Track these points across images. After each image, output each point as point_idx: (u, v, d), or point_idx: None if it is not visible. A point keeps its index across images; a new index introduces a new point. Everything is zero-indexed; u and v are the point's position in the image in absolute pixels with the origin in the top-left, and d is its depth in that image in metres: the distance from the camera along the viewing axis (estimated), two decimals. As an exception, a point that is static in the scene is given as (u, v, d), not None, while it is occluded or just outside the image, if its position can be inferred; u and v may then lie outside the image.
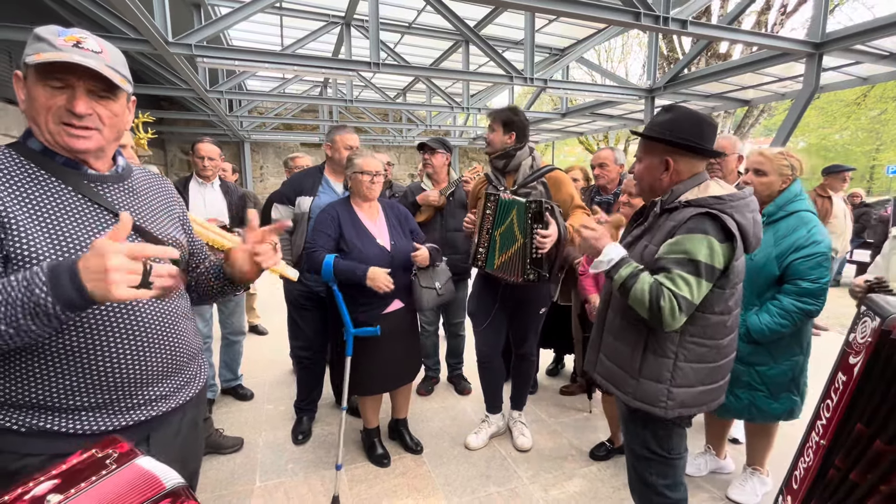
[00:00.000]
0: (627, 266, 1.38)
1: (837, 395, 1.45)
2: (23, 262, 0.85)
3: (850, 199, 7.31)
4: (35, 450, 0.90)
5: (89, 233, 0.92)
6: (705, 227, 1.32)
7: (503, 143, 2.35)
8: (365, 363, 2.25)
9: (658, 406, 1.43)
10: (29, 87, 0.90)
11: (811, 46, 4.05)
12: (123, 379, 0.96)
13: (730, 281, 1.39)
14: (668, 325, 1.32)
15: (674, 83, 5.74)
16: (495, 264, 2.27)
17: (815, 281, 1.80)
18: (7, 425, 0.89)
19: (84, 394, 0.93)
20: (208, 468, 2.39)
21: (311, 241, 2.20)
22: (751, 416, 2.02)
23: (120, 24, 3.90)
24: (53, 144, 0.93)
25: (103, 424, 0.95)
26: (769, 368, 1.94)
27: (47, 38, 0.89)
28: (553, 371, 3.62)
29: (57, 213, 0.90)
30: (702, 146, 1.41)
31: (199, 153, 2.82)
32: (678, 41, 9.47)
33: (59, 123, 0.90)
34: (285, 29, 6.27)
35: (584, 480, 2.34)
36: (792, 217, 1.88)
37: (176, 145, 11.47)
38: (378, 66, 4.62)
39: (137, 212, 1.02)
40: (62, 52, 0.87)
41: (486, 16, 5.52)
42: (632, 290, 1.35)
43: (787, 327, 1.84)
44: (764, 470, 2.19)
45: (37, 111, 0.90)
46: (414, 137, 12.35)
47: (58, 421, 0.91)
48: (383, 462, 2.41)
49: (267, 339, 4.46)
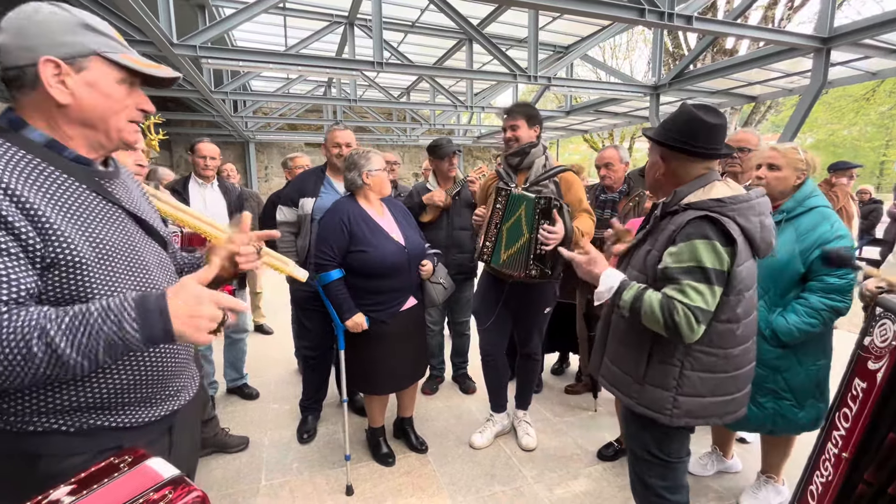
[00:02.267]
0: (629, 290, 1.35)
1: (857, 403, 1.36)
2: (69, 268, 0.81)
3: (858, 196, 7.23)
4: (80, 449, 0.89)
5: (117, 233, 0.90)
6: (706, 230, 1.27)
7: (530, 136, 2.32)
8: (381, 362, 2.24)
9: (664, 413, 1.40)
10: (90, 81, 0.85)
11: (819, 41, 4.00)
12: (162, 372, 0.98)
13: (733, 288, 1.32)
14: (687, 338, 1.28)
15: (679, 80, 5.69)
16: (501, 259, 2.26)
17: (843, 276, 1.73)
18: (55, 427, 0.87)
19: (132, 391, 0.93)
20: (214, 467, 2.41)
21: (321, 252, 2.14)
22: (775, 427, 1.89)
23: (125, 25, 3.92)
24: (107, 142, 0.90)
25: (144, 417, 0.96)
26: (794, 374, 1.84)
27: (108, 34, 0.88)
28: (558, 370, 3.61)
29: (85, 213, 0.86)
30: (692, 148, 1.35)
31: (200, 153, 2.84)
32: (683, 37, 9.40)
33: (129, 121, 0.91)
34: (289, 29, 6.29)
35: (589, 480, 2.33)
36: (813, 212, 1.81)
37: (182, 146, 11.54)
38: (382, 66, 4.62)
39: (137, 206, 1.00)
40: (129, 50, 0.90)
41: (489, 14, 5.50)
42: (642, 312, 1.32)
43: (816, 326, 1.75)
44: (779, 478, 2.11)
45: (108, 108, 0.87)
46: (418, 137, 12.37)
47: (104, 417, 0.90)
48: (388, 461, 2.42)
49: (272, 338, 4.48)
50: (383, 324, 2.19)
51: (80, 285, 0.82)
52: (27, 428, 0.84)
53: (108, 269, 0.86)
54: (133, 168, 1.52)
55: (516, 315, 2.50)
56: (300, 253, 2.57)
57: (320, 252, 2.13)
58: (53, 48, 0.80)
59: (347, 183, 2.24)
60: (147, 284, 0.94)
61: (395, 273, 2.18)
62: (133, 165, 1.52)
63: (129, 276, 0.90)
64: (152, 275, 0.96)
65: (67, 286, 0.81)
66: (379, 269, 2.14)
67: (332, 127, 2.62)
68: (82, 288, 0.82)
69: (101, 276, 0.85)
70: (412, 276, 2.24)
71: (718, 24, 4.08)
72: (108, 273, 0.86)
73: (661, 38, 6.00)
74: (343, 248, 2.12)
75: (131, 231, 0.94)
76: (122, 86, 0.88)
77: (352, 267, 2.15)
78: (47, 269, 0.79)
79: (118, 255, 0.89)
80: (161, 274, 1.00)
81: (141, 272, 0.93)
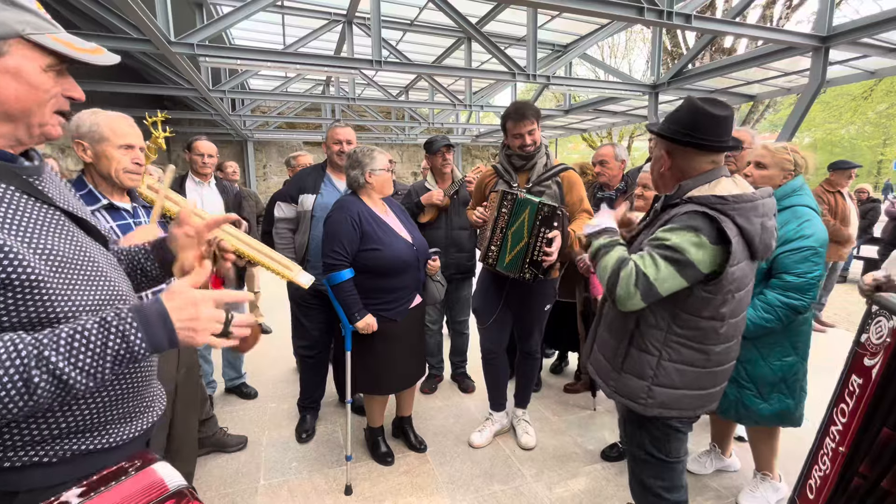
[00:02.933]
0: (609, 236, 1.41)
1: (854, 399, 1.39)
2: (24, 288, 0.71)
3: (857, 195, 7.25)
4: (60, 478, 0.81)
5: (62, 238, 0.79)
6: (697, 223, 1.25)
7: (541, 138, 2.33)
8: (389, 362, 2.23)
9: (637, 402, 1.41)
10: (11, 68, 0.71)
11: (817, 40, 4.01)
12: (140, 381, 0.94)
13: (722, 287, 1.29)
14: (621, 300, 1.28)
15: (678, 79, 5.69)
16: (506, 262, 2.26)
17: (802, 275, 1.75)
18: (35, 460, 0.78)
19: (114, 407, 0.87)
20: (213, 466, 2.40)
21: (332, 252, 2.10)
22: (738, 415, 1.95)
23: (122, 23, 3.91)
24: (26, 138, 0.77)
25: (125, 434, 0.90)
26: (756, 366, 1.88)
27: (31, 8, 0.72)
28: (557, 368, 3.61)
29: (24, 220, 0.75)
30: (697, 141, 1.31)
31: (198, 150, 2.83)
32: (682, 36, 9.40)
33: (54, 113, 0.78)
34: (287, 28, 6.27)
35: (588, 479, 2.33)
36: (786, 211, 1.83)
37: (179, 145, 11.50)
38: (380, 64, 4.61)
39: (70, 203, 0.87)
40: (59, 30, 0.75)
41: (488, 12, 5.49)
42: (602, 259, 1.36)
43: (771, 322, 1.78)
44: (774, 475, 2.13)
45: (34, 100, 0.74)
46: (417, 135, 12.35)
47: (86, 441, 0.84)
48: (387, 460, 2.41)
49: (270, 336, 4.47)
50: (393, 322, 2.18)
51: (40, 303, 0.72)
52: (2, 465, 0.76)
53: (65, 281, 0.76)
54: (130, 166, 1.51)
55: (517, 313, 2.50)
56: (298, 250, 2.56)
57: (331, 252, 2.09)
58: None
59: (350, 181, 2.20)
60: (109, 290, 0.85)
61: (406, 270, 2.18)
62: (130, 164, 1.51)
63: (87, 284, 0.80)
64: (110, 279, 0.87)
65: (25, 308, 0.71)
66: (392, 267, 2.13)
67: (333, 124, 2.62)
68: (41, 307, 0.72)
69: (60, 291, 0.75)
70: (420, 274, 2.25)
71: (717, 22, 4.09)
72: (67, 286, 0.76)
73: (659, 37, 6.00)
74: (355, 247, 2.10)
75: (75, 233, 0.83)
76: (49, 73, 0.75)
77: (363, 266, 2.12)
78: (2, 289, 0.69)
79: (71, 264, 0.78)
80: (117, 275, 0.91)
81: (98, 278, 0.84)
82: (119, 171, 1.50)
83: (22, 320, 0.72)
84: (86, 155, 1.49)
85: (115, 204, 1.55)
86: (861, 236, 6.90)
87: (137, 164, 1.52)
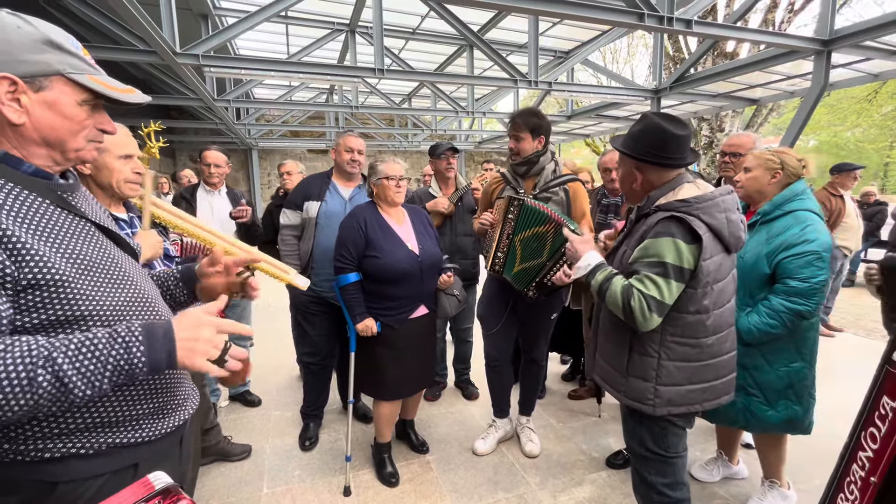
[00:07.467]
0: (602, 271, 1.49)
1: (887, 424, 1.24)
2: (50, 288, 0.77)
3: (863, 198, 7.19)
4: (98, 470, 0.86)
5: (92, 246, 0.87)
6: (671, 229, 1.37)
7: (534, 149, 2.26)
8: (386, 367, 2.23)
9: (646, 403, 1.48)
10: (49, 100, 0.80)
11: (819, 44, 4.00)
12: (169, 378, 0.97)
13: (700, 281, 1.39)
14: (641, 325, 1.38)
15: (680, 83, 5.69)
16: (514, 270, 2.25)
17: (806, 280, 1.74)
18: (73, 452, 0.83)
19: (144, 401, 0.91)
20: (216, 475, 2.40)
21: (340, 255, 2.17)
22: (746, 422, 1.93)
23: (129, 35, 3.97)
24: (63, 161, 0.86)
25: (158, 429, 0.94)
26: (763, 373, 1.86)
27: (75, 52, 0.82)
28: (569, 376, 3.58)
29: (56, 229, 0.82)
30: (665, 161, 1.44)
31: (206, 160, 2.87)
32: (684, 41, 9.41)
33: (89, 141, 0.87)
34: (291, 37, 6.35)
35: (593, 486, 2.30)
36: (788, 216, 1.83)
37: (185, 154, 11.62)
38: (383, 73, 4.65)
39: (101, 219, 0.95)
40: (98, 72, 0.85)
41: (489, 20, 5.53)
42: (607, 294, 1.44)
43: (776, 328, 1.77)
44: (783, 482, 2.09)
45: (67, 129, 0.83)
46: (420, 142, 12.40)
47: (120, 434, 0.88)
48: (391, 481, 2.32)
49: (274, 344, 4.47)
50: (391, 329, 2.20)
51: (66, 303, 0.78)
52: (42, 455, 0.80)
53: (91, 282, 0.82)
54: (131, 176, 1.53)
55: (523, 320, 2.49)
56: (302, 257, 2.57)
57: (339, 255, 2.18)
58: (12, 66, 0.75)
59: (368, 189, 2.32)
60: (134, 293, 0.91)
61: (404, 280, 2.18)
62: (131, 174, 1.52)
63: (113, 286, 0.86)
64: (136, 283, 0.93)
65: (52, 306, 0.77)
66: (388, 275, 2.15)
67: (346, 132, 2.62)
68: (67, 305, 0.78)
69: (86, 291, 0.81)
70: (423, 286, 2.23)
71: (718, 27, 4.08)
72: (92, 287, 0.82)
73: (661, 43, 6.02)
74: (360, 252, 2.15)
75: (103, 242, 0.90)
76: (84, 107, 0.84)
77: (365, 271, 2.17)
78: (24, 292, 0.75)
79: (98, 268, 0.85)
80: (144, 282, 0.97)
81: (123, 281, 0.89)
82: (120, 182, 1.51)
83: (50, 318, 0.77)
84: (84, 167, 1.50)
85: (113, 214, 1.57)
86: (868, 239, 6.83)
87: (137, 173, 1.54)
